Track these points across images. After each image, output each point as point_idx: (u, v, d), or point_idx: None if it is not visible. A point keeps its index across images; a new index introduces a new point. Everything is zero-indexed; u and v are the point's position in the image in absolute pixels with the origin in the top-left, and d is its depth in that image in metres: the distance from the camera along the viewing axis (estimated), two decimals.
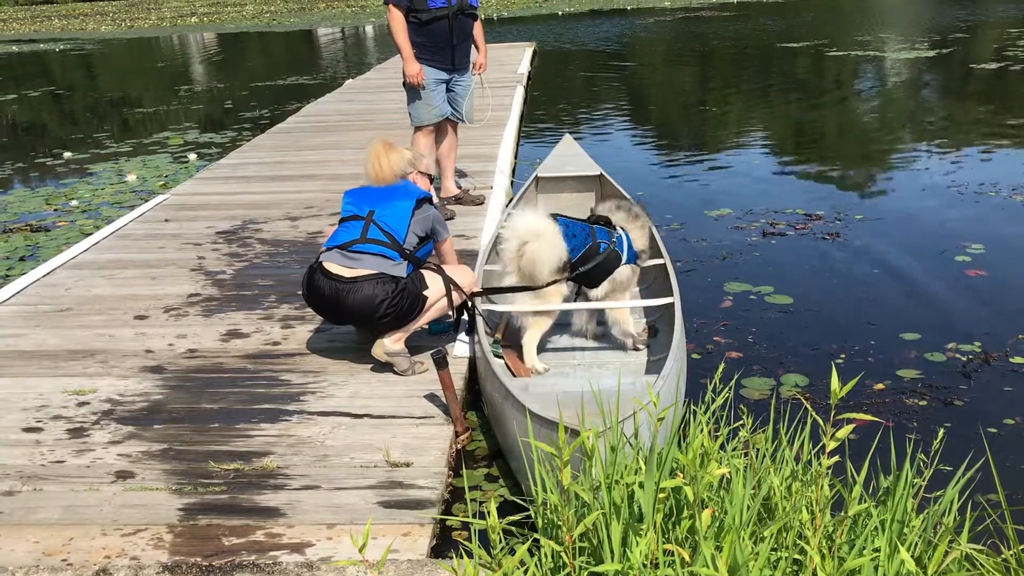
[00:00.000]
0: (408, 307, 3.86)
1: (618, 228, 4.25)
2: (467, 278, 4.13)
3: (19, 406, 3.81)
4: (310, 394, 3.84)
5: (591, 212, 4.44)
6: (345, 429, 3.53)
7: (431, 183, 4.43)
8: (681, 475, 2.10)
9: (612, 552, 2.03)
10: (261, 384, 3.95)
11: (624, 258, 4.15)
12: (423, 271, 3.98)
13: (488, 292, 4.18)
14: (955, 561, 1.99)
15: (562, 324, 4.40)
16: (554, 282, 3.94)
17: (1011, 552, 2.07)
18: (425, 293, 3.90)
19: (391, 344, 3.91)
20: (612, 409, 2.71)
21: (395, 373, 3.96)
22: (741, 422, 2.70)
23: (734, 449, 2.61)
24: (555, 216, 4.07)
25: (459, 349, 4.21)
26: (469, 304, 4.07)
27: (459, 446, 3.54)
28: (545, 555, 2.18)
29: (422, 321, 3.99)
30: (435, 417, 3.60)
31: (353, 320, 4.00)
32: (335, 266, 3.84)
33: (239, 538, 2.85)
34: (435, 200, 4.25)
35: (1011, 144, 8.91)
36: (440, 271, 4.02)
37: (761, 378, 4.16)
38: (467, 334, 4.22)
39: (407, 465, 3.25)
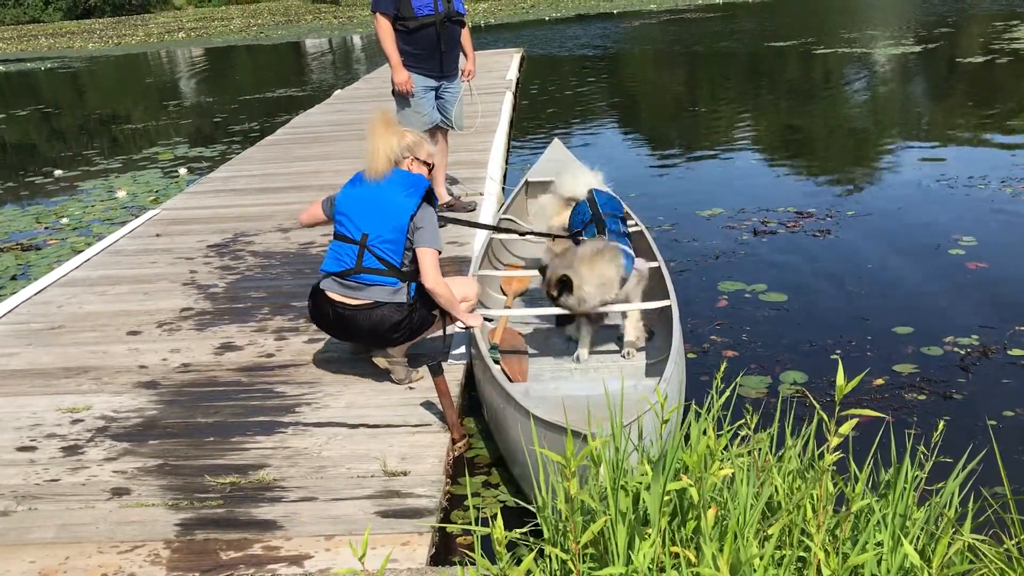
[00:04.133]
0: (419, 326, 3.86)
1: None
2: (468, 289, 4.05)
3: (12, 425, 3.78)
4: (305, 405, 3.81)
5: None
6: (341, 439, 3.51)
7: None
8: (685, 476, 2.08)
9: (620, 556, 2.01)
10: (256, 397, 3.92)
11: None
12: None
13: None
14: (958, 552, 1.98)
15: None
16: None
17: (1013, 542, 2.06)
18: (435, 312, 3.87)
19: (394, 352, 3.90)
20: (616, 413, 2.70)
21: (391, 381, 3.94)
22: (743, 420, 2.68)
23: (738, 450, 2.59)
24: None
25: (454, 356, 4.19)
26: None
27: (456, 453, 3.52)
28: (549, 563, 2.16)
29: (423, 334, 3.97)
30: (432, 425, 3.58)
31: (363, 341, 3.96)
32: (337, 295, 3.79)
33: (237, 552, 2.83)
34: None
35: (999, 137, 8.93)
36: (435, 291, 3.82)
37: (758, 376, 4.15)
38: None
39: (404, 474, 3.23)
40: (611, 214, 4.28)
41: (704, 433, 2.30)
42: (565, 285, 3.84)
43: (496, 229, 5.02)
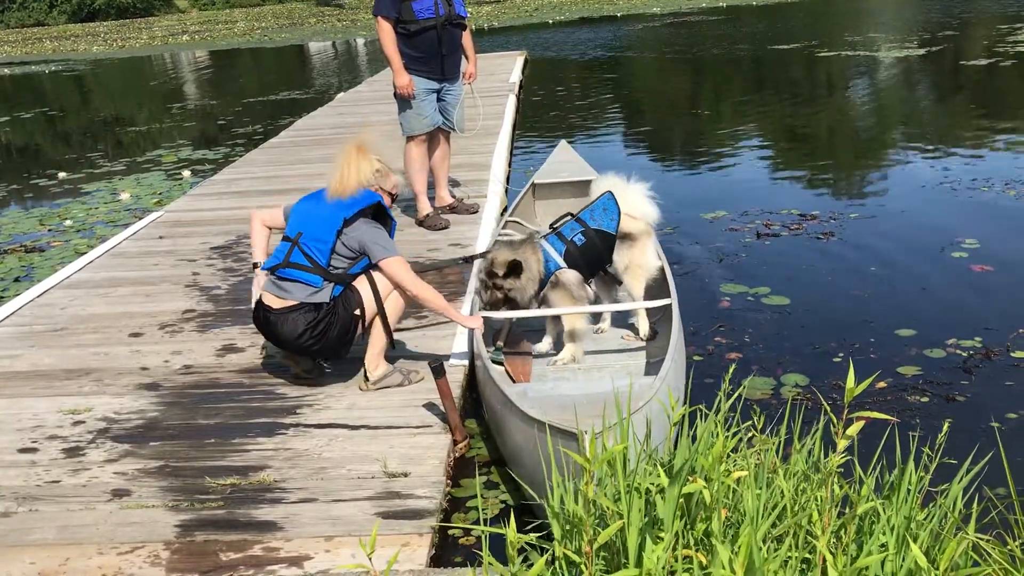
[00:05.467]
0: (338, 332, 3.73)
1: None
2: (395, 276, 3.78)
3: (14, 427, 3.78)
4: (306, 407, 3.81)
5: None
6: (342, 441, 3.50)
7: (402, 191, 4.11)
8: (695, 478, 2.07)
9: (630, 559, 2.00)
10: (257, 398, 3.92)
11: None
12: (355, 284, 3.77)
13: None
14: (962, 553, 1.97)
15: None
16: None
17: (1017, 542, 2.05)
18: (358, 312, 3.75)
19: (371, 374, 3.86)
20: (611, 411, 2.68)
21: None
22: (750, 422, 2.67)
23: (746, 452, 2.57)
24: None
25: (456, 356, 4.18)
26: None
27: (458, 454, 3.52)
28: (560, 565, 2.15)
29: (382, 341, 3.83)
30: (433, 426, 3.57)
31: (287, 349, 3.86)
32: (268, 296, 3.77)
33: (237, 553, 2.82)
34: (406, 215, 4.06)
35: (1002, 139, 8.91)
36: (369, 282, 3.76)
37: (761, 378, 4.14)
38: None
39: (405, 475, 3.22)
40: (582, 221, 4.23)
41: (714, 435, 2.28)
42: (514, 269, 3.97)
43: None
